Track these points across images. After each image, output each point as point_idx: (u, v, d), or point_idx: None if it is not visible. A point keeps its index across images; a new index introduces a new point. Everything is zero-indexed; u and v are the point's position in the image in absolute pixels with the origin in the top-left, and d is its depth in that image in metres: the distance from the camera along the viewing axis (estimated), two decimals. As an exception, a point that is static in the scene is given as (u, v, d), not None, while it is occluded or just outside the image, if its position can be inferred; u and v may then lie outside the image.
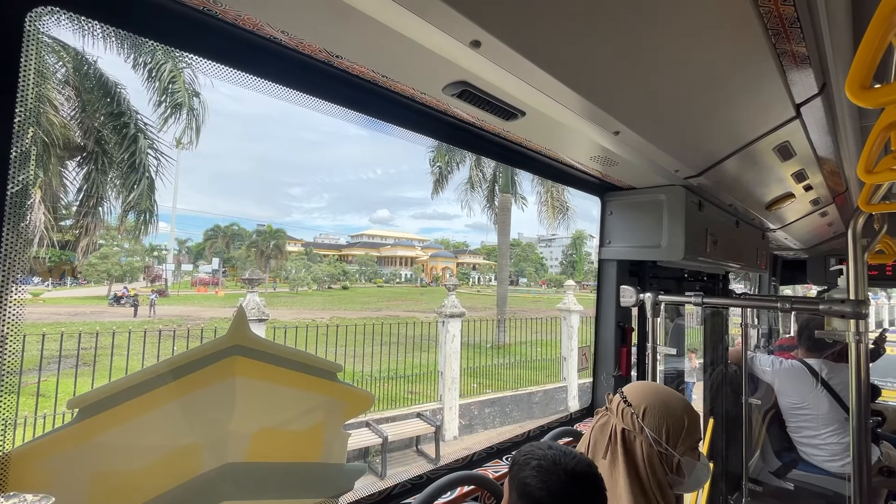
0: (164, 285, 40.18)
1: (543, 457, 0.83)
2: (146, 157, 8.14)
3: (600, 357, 2.02)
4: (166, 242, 49.84)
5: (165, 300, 32.97)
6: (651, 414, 1.06)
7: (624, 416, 1.09)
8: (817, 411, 2.62)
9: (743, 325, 2.98)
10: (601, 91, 0.99)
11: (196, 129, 8.58)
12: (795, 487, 2.72)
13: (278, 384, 0.91)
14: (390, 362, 9.00)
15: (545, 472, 0.80)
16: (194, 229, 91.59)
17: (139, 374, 0.76)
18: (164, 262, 45.94)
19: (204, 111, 8.73)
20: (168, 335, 7.60)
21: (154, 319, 22.01)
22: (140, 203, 8.21)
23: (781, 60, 1.11)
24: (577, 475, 0.80)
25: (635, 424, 1.07)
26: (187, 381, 0.80)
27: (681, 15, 0.86)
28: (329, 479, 0.99)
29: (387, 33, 0.75)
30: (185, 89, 8.05)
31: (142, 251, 40.71)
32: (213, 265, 47.05)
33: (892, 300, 20.22)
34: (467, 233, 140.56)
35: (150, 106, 8.23)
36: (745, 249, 2.48)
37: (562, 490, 0.78)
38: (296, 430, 0.95)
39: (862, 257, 1.54)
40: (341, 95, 0.99)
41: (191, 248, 53.69)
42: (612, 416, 1.13)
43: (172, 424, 0.79)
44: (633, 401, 1.10)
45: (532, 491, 0.79)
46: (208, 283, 45.46)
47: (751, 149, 1.50)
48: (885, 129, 0.85)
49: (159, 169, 8.41)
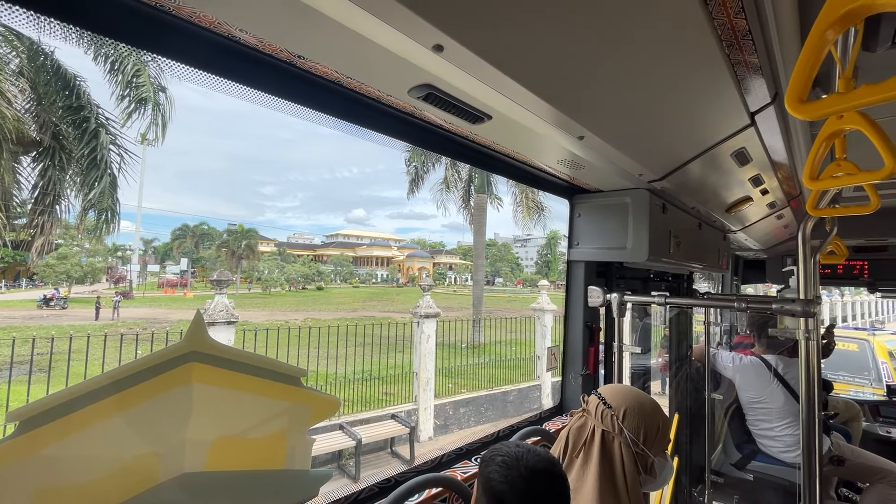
0: (128, 286, 38.57)
1: (507, 454, 0.85)
2: (108, 153, 7.77)
3: (569, 356, 2.05)
4: (131, 242, 47.89)
5: (130, 302, 31.69)
6: (630, 416, 1.08)
7: (604, 417, 1.11)
8: (774, 405, 2.75)
9: (706, 323, 3.09)
10: (564, 97, 1.01)
11: (162, 124, 8.26)
12: (754, 478, 2.84)
13: (239, 390, 0.89)
14: (365, 364, 8.92)
15: (507, 468, 0.82)
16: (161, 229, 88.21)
17: (89, 382, 0.72)
18: (129, 262, 44.09)
19: (171, 106, 8.42)
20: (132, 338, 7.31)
21: (117, 322, 21.13)
22: (101, 201, 7.84)
23: (735, 70, 1.16)
24: (537, 472, 0.82)
25: (615, 426, 1.08)
26: (141, 388, 0.77)
27: (639, 26, 0.89)
28: (293, 486, 0.98)
29: (348, 35, 0.74)
30: (150, 83, 7.73)
31: (104, 251, 38.96)
32: (181, 266, 45.48)
33: (844, 298, 21.38)
34: (444, 233, 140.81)
35: (113, 100, 7.87)
36: (707, 250, 2.57)
37: (522, 485, 0.80)
38: (258, 437, 0.93)
39: (810, 259, 1.62)
40: (306, 95, 0.97)
41: (157, 248, 51.74)
42: (590, 418, 1.14)
43: (125, 434, 0.76)
44: (612, 402, 1.12)
45: (494, 486, 0.82)
46: (176, 284, 43.93)
47: (710, 154, 1.56)
48: (828, 139, 0.89)
49: (122, 166, 8.05)
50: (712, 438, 2.88)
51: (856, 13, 0.53)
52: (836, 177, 0.95)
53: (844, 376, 6.00)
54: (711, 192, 2.03)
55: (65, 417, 0.69)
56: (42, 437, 0.66)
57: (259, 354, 0.95)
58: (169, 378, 0.79)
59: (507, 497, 0.80)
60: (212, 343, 0.85)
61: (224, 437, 0.88)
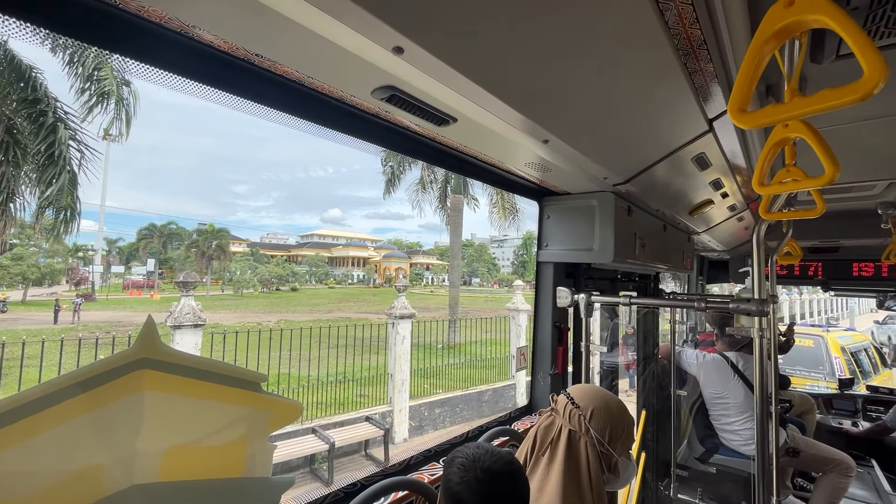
0: (90, 288, 36.87)
1: (466, 455, 0.87)
2: (67, 149, 7.39)
3: (538, 356, 2.08)
4: (93, 242, 45.79)
5: (93, 304, 30.33)
6: (597, 416, 1.10)
7: (571, 416, 1.12)
8: (735, 400, 2.86)
9: (672, 322, 3.19)
10: (527, 101, 1.02)
11: (126, 120, 7.92)
12: (717, 470, 2.94)
13: (194, 397, 0.86)
14: (340, 365, 8.80)
15: (465, 470, 0.84)
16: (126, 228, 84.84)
17: (29, 391, 0.69)
18: (91, 263, 42.16)
19: (135, 101, 8.08)
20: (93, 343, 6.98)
21: (78, 325, 20.18)
22: (59, 199, 7.46)
23: (693, 79, 1.20)
24: (493, 472, 0.83)
25: (582, 425, 1.10)
26: (86, 398, 0.73)
27: (598, 34, 0.91)
28: (252, 494, 0.95)
29: (307, 34, 0.73)
30: (112, 77, 7.40)
31: (64, 252, 37.15)
32: (147, 267, 43.80)
33: (802, 296, 22.47)
34: (421, 233, 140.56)
35: (73, 93, 7.51)
36: (672, 252, 2.65)
37: (478, 486, 0.82)
38: (215, 445, 0.90)
39: (764, 260, 1.69)
40: (266, 95, 0.95)
41: (122, 248, 49.66)
42: (558, 417, 1.16)
43: (69, 446, 0.72)
44: (580, 402, 1.13)
45: (452, 487, 0.83)
46: (142, 285, 42.29)
47: (671, 159, 1.61)
48: (775, 146, 0.93)
49: (83, 162, 7.68)
50: (678, 434, 2.97)
51: (790, 28, 0.56)
52: (784, 182, 0.99)
53: (801, 371, 6.30)
54: (674, 195, 2.09)
55: (2, 429, 0.65)
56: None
57: (216, 360, 0.92)
58: (116, 387, 0.76)
59: (464, 498, 0.81)
60: (164, 349, 0.82)
61: (178, 445, 0.85)
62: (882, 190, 2.40)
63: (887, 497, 2.98)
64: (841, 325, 14.86)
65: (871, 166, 2.03)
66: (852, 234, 3.28)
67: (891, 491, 3.07)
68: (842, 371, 5.94)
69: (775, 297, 2.06)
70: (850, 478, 2.76)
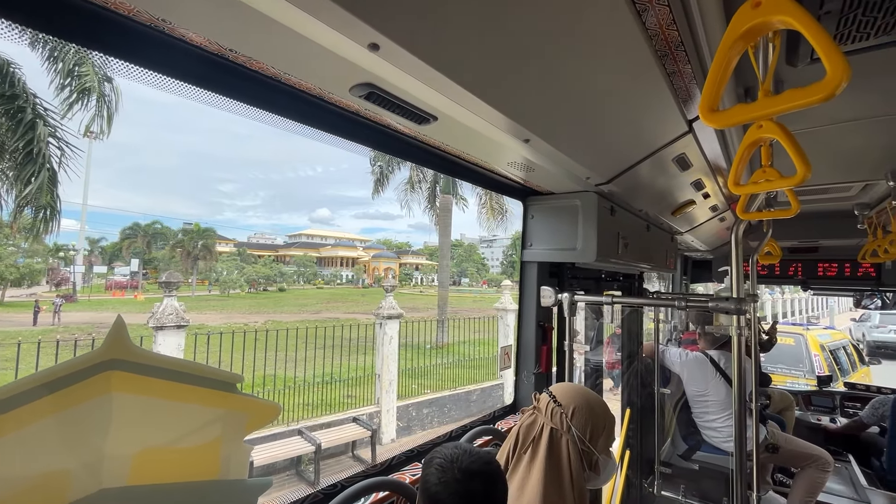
0: (71, 289, 36.06)
1: (445, 456, 0.86)
2: (46, 146, 7.21)
3: (522, 355, 2.09)
4: (75, 242, 44.79)
5: (74, 305, 29.67)
6: (578, 414, 1.10)
7: (553, 415, 1.12)
8: (716, 397, 2.91)
9: (655, 321, 3.23)
10: (507, 100, 1.02)
11: (108, 117, 7.75)
12: (699, 467, 2.99)
13: (165, 399, 0.84)
14: (328, 366, 8.74)
15: (443, 470, 0.84)
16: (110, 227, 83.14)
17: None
18: (73, 263, 41.22)
19: (117, 97, 7.91)
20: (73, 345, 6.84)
21: (58, 327, 19.73)
22: (39, 198, 7.27)
23: (672, 80, 1.21)
24: (471, 473, 0.83)
25: (563, 423, 1.10)
26: (51, 400, 0.71)
27: (577, 34, 0.91)
28: (227, 497, 0.94)
29: (280, 30, 0.72)
30: (94, 72, 7.24)
31: (44, 251, 36.27)
32: (131, 267, 42.97)
33: (784, 296, 22.94)
34: (410, 233, 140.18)
35: (53, 90, 7.33)
36: (655, 251, 2.68)
37: (456, 486, 0.82)
38: (188, 447, 0.89)
39: (742, 260, 1.72)
40: (242, 91, 0.94)
41: (105, 248, 48.67)
42: (540, 415, 1.16)
43: (31, 451, 0.70)
44: (562, 401, 1.13)
45: (430, 488, 0.83)
46: (126, 286, 41.49)
47: (653, 159, 1.63)
48: (750, 147, 0.95)
49: (63, 160, 7.49)
50: (661, 431, 3.01)
51: (757, 29, 0.56)
52: (758, 182, 1.01)
53: (782, 368, 6.43)
54: (657, 196, 2.11)
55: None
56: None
57: (190, 360, 0.91)
58: (83, 388, 0.74)
59: (442, 499, 0.81)
60: (135, 350, 0.81)
61: (150, 448, 0.83)
62: (858, 191, 2.46)
63: (863, 491, 3.05)
64: (821, 324, 15.26)
65: (847, 168, 2.08)
66: (830, 235, 3.35)
67: (866, 485, 3.15)
68: (821, 369, 6.07)
69: (755, 296, 2.09)
70: (828, 473, 2.82)
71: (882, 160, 1.88)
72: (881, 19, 0.97)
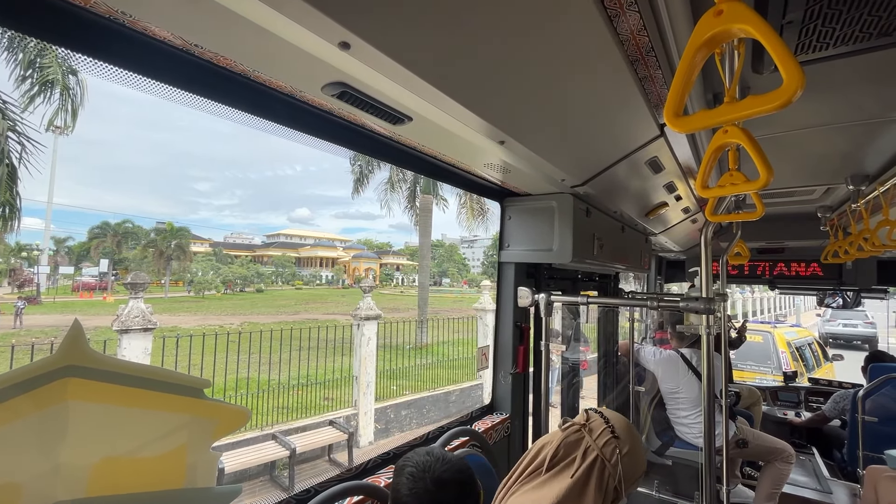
0: (35, 291, 34.51)
1: (416, 464, 0.85)
2: (5, 140, 6.86)
3: (499, 356, 2.10)
4: (39, 241, 42.89)
5: (38, 308, 28.39)
6: (631, 457, 1.01)
7: (607, 445, 1.02)
8: (687, 394, 2.98)
9: (630, 320, 3.30)
10: (483, 102, 1.03)
11: (73, 111, 7.43)
12: (673, 462, 3.06)
13: (126, 406, 0.81)
14: (307, 368, 8.60)
15: (414, 480, 0.82)
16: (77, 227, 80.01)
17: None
18: (37, 263, 39.45)
19: (83, 91, 7.60)
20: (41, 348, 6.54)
21: (20, 330, 18.87)
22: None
23: (643, 84, 1.24)
24: (443, 482, 0.82)
25: (613, 457, 1.00)
26: (1, 409, 0.68)
27: (549, 38, 0.92)
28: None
29: (246, 25, 0.70)
30: (57, 64, 6.93)
31: (5, 251, 34.64)
32: (100, 267, 41.38)
33: (754, 295, 23.77)
34: (391, 233, 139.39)
35: (12, 82, 6.98)
36: (630, 252, 2.74)
37: (426, 496, 0.80)
38: (151, 456, 0.85)
39: (711, 260, 1.77)
40: (210, 88, 0.91)
41: (72, 248, 46.75)
42: (588, 437, 1.04)
43: (-21, 463, 0.66)
44: (620, 434, 1.03)
45: (401, 498, 0.81)
46: (94, 287, 39.95)
47: (626, 162, 1.66)
48: (716, 151, 0.97)
49: (23, 156, 7.14)
50: (637, 428, 3.07)
51: (718, 37, 0.58)
52: (724, 186, 1.03)
53: (751, 365, 6.66)
54: (631, 198, 2.15)
55: None
56: None
57: (153, 366, 0.88)
58: (36, 397, 0.70)
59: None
60: (93, 355, 0.77)
61: (110, 457, 0.80)
62: (820, 195, 2.56)
63: (825, 481, 3.18)
64: (788, 322, 16.00)
65: (810, 172, 2.16)
66: (795, 237, 3.49)
67: (829, 476, 3.28)
68: (787, 365, 6.31)
69: (725, 296, 2.15)
70: (791, 465, 2.93)
71: (842, 165, 1.97)
72: (840, 30, 1.02)
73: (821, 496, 3.01)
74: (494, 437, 1.96)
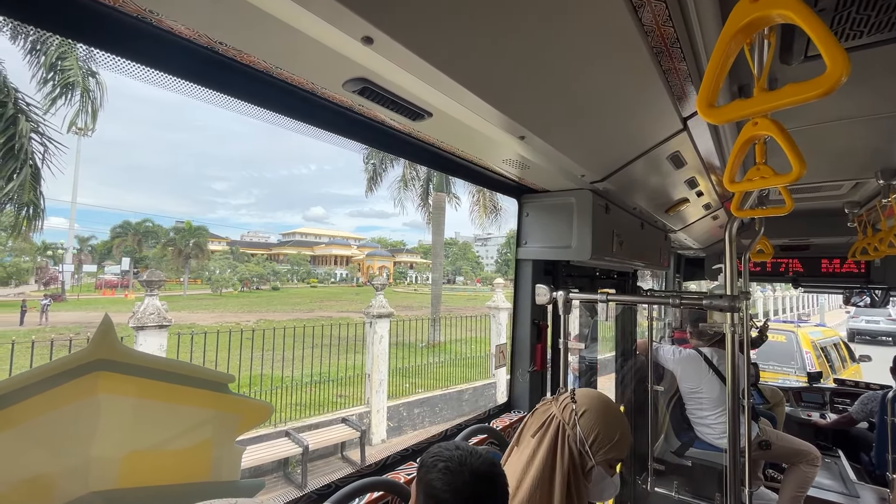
0: (60, 288, 35.55)
1: (450, 458, 0.84)
2: (28, 142, 7.02)
3: (517, 354, 2.08)
4: (63, 240, 44.17)
5: (63, 305, 29.28)
6: (588, 417, 1.12)
7: (565, 409, 1.15)
8: (710, 394, 2.92)
9: (649, 318, 3.24)
10: (503, 97, 1.01)
11: (92, 112, 7.59)
12: (692, 463, 3.01)
13: (155, 400, 0.83)
14: (319, 365, 8.68)
15: (451, 473, 0.82)
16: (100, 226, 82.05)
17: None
18: (62, 262, 40.63)
19: (102, 92, 7.75)
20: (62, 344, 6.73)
21: (46, 327, 19.46)
22: (21, 195, 7.09)
23: (667, 77, 1.21)
24: (481, 475, 0.82)
25: (570, 420, 1.12)
26: (35, 402, 0.69)
27: (573, 31, 0.90)
28: (219, 498, 0.92)
29: (271, 21, 0.70)
30: (77, 67, 7.07)
31: (32, 250, 35.73)
32: (122, 266, 42.44)
33: (776, 293, 23.24)
34: (405, 231, 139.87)
35: (35, 84, 7.15)
36: (649, 249, 2.69)
37: (466, 490, 0.80)
38: (178, 449, 0.87)
39: (735, 257, 1.73)
40: (233, 85, 0.92)
41: (95, 246, 48.01)
42: (553, 405, 1.20)
43: (17, 453, 0.68)
44: (578, 400, 1.16)
45: (437, 493, 0.80)
46: (116, 285, 41.01)
47: (647, 157, 1.63)
48: (745, 144, 0.94)
49: (46, 157, 7.31)
50: (655, 428, 3.02)
51: (756, 23, 0.56)
52: (753, 180, 1.00)
53: (773, 365, 6.50)
54: (651, 194, 2.12)
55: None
56: None
57: (180, 360, 0.89)
58: (69, 390, 0.72)
59: (445, 499, 0.79)
60: (122, 349, 0.79)
61: (139, 450, 0.82)
62: (848, 190, 2.47)
63: (852, 485, 3.09)
64: (812, 321, 15.63)
65: (838, 166, 2.09)
66: (821, 233, 3.38)
67: (855, 479, 3.19)
68: (812, 366, 6.15)
69: (748, 294, 2.10)
70: (817, 468, 2.85)
71: (872, 159, 1.90)
72: (875, 17, 0.98)
73: (847, 500, 2.92)
74: (511, 436, 1.94)
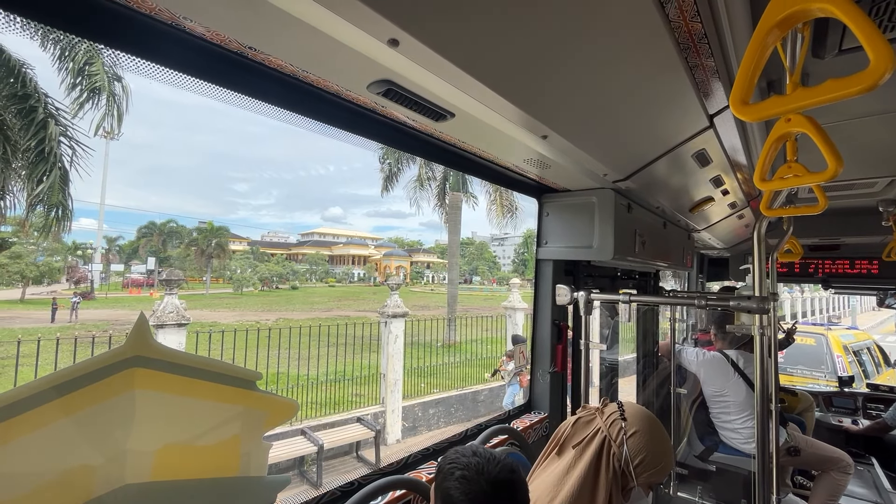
0: (89, 287, 36.81)
1: (467, 465, 0.83)
2: (58, 145, 7.29)
3: (537, 354, 2.07)
4: (92, 240, 45.72)
5: (91, 303, 30.32)
6: (638, 438, 1.08)
7: (612, 425, 1.11)
8: (735, 398, 2.85)
9: (672, 319, 3.18)
10: (526, 96, 1.01)
11: (118, 116, 7.84)
12: (716, 468, 2.94)
13: (187, 396, 0.85)
14: (338, 364, 8.77)
15: (468, 482, 0.81)
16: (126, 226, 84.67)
17: (15, 391, 0.67)
18: (91, 261, 42.09)
19: (126, 97, 8.00)
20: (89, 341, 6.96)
21: (75, 324, 20.17)
22: (51, 197, 7.36)
23: (694, 73, 1.18)
24: (499, 483, 0.81)
25: (619, 438, 1.08)
26: (75, 397, 0.72)
27: (599, 28, 0.89)
28: (247, 493, 0.94)
29: (300, 26, 0.71)
30: (103, 72, 7.31)
31: (63, 250, 37.11)
32: (147, 265, 43.75)
33: (804, 294, 22.50)
34: (422, 231, 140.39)
35: (63, 89, 7.42)
36: (672, 249, 2.64)
37: (483, 499, 0.79)
38: (209, 444, 0.89)
39: (764, 258, 1.68)
40: (260, 89, 0.94)
41: (122, 246, 49.58)
42: (599, 419, 1.15)
43: (57, 446, 0.71)
44: (629, 417, 1.12)
45: (454, 502, 0.80)
46: (142, 283, 42.27)
47: (672, 155, 1.60)
48: (777, 141, 0.92)
49: (74, 159, 7.58)
50: (678, 432, 2.96)
51: (794, 17, 0.54)
52: (785, 178, 0.98)
53: (802, 370, 6.29)
54: (675, 193, 2.08)
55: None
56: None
57: (210, 357, 0.91)
58: (107, 385, 0.75)
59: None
60: (157, 347, 0.81)
61: (171, 445, 0.84)
62: (883, 187, 2.38)
63: (887, 495, 2.97)
64: (843, 324, 15.07)
65: (872, 163, 2.01)
66: (853, 232, 3.26)
67: (891, 489, 3.07)
68: (844, 370, 5.93)
69: (776, 295, 2.04)
70: (849, 476, 2.75)
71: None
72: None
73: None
74: (532, 437, 1.94)
